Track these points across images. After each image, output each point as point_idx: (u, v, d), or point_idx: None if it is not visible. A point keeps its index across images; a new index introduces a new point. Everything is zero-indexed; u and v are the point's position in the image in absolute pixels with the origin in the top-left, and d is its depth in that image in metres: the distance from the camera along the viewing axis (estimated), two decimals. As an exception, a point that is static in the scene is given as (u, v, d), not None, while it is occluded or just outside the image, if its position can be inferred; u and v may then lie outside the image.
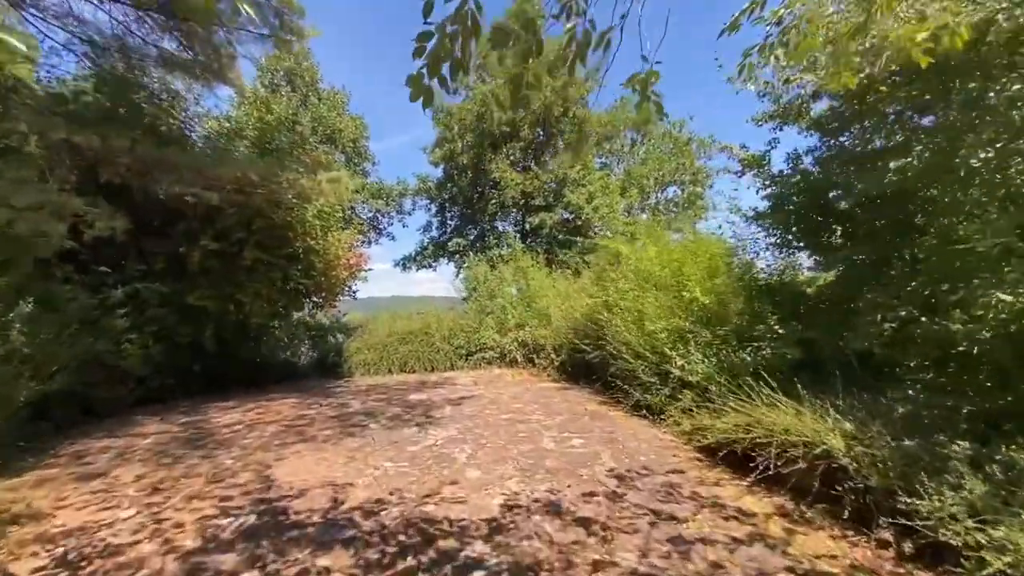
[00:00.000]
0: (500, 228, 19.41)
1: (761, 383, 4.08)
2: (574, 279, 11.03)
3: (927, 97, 3.55)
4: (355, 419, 5.78)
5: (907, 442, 3.09)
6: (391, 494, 3.59)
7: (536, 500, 3.41)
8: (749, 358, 4.77)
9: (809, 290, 5.50)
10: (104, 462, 4.59)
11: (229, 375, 8.56)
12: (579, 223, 17.04)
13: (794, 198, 5.57)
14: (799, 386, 3.93)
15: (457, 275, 20.17)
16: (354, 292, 19.05)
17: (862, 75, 3.53)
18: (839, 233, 5.08)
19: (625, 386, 5.93)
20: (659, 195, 20.20)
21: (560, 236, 17.82)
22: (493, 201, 18.17)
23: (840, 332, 4.41)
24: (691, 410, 4.85)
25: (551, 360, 9.40)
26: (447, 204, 20.22)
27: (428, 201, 20.07)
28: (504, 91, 16.73)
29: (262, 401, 7.21)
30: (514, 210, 18.29)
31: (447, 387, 7.98)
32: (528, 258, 11.87)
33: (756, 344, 4.82)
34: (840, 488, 3.10)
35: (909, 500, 2.72)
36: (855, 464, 3.08)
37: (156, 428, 5.76)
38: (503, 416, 5.71)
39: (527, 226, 18.25)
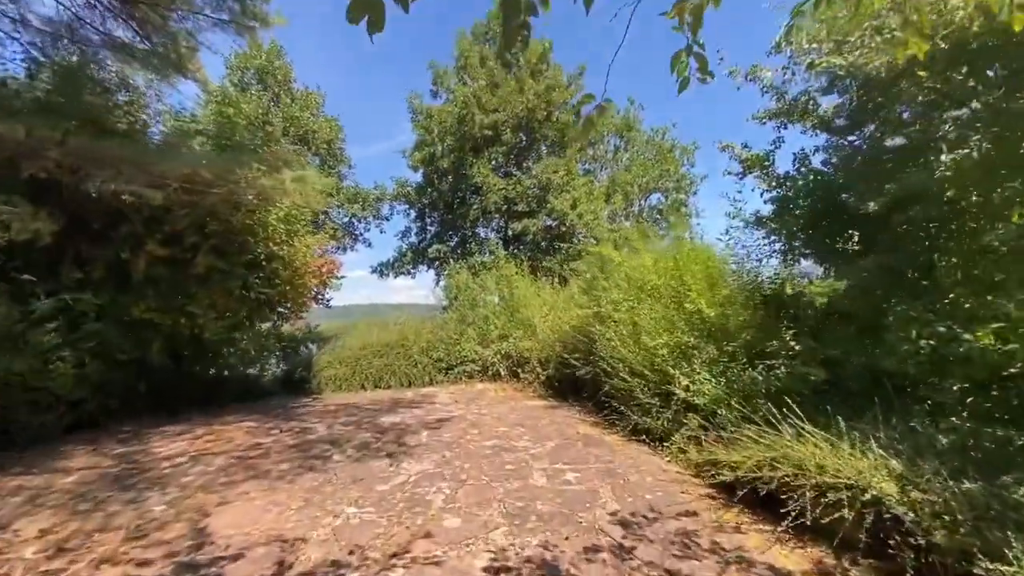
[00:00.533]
0: (482, 234, 18.84)
1: (781, 408, 3.57)
2: (560, 288, 10.51)
3: (972, 84, 3.12)
4: (317, 448, 5.08)
5: (969, 484, 2.59)
6: (351, 553, 2.93)
7: (528, 560, 2.80)
8: (761, 377, 4.27)
9: (820, 301, 5.04)
10: (9, 510, 3.82)
11: (182, 394, 7.74)
12: (563, 230, 16.57)
13: (801, 201, 5.14)
14: (825, 412, 3.44)
15: (437, 283, 19.55)
16: (327, 300, 18.28)
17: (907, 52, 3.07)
18: (856, 239, 4.64)
19: (620, 407, 5.38)
20: (643, 202, 19.91)
21: (543, 243, 17.33)
22: (475, 207, 17.60)
23: (867, 349, 3.94)
24: (699, 438, 4.32)
25: (537, 374, 8.82)
26: (427, 209, 19.57)
27: (407, 206, 19.38)
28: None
29: (215, 425, 6.43)
30: (496, 216, 17.74)
31: (424, 406, 7.31)
32: (512, 265, 11.29)
33: (768, 362, 4.33)
34: (895, 542, 2.58)
35: (991, 566, 2.20)
36: (912, 514, 2.56)
37: (84, 461, 4.97)
38: (486, 443, 5.09)
39: (510, 232, 17.71)
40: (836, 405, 3.73)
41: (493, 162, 17.62)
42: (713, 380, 4.46)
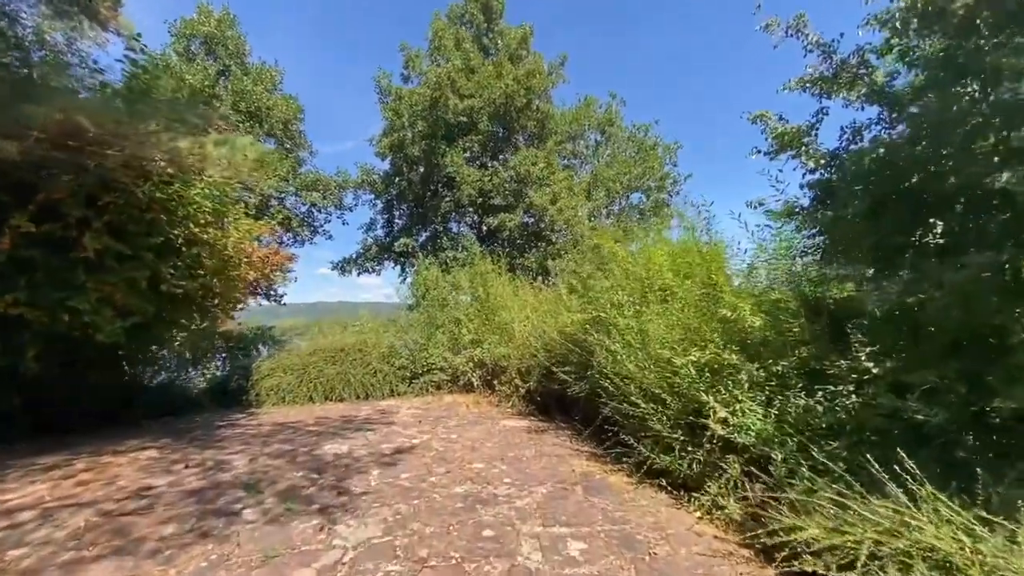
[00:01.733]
0: (454, 229, 17.57)
1: (858, 451, 2.52)
2: (540, 288, 9.38)
3: None
4: (226, 497, 3.74)
5: None
6: None
7: None
8: (822, 407, 3.23)
9: (879, 311, 4.04)
10: None
11: (77, 411, 6.23)
12: (542, 226, 15.48)
13: (855, 185, 4.14)
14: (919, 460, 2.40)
15: (403, 280, 18.09)
16: (279, 297, 16.63)
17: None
18: (937, 231, 3.65)
19: (627, 437, 4.25)
20: (624, 200, 19.03)
21: (520, 240, 16.18)
22: (447, 199, 16.33)
23: (973, 376, 2.93)
24: (742, 487, 3.24)
25: (515, 387, 7.62)
26: (394, 201, 18.14)
27: (372, 196, 17.89)
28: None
29: (107, 454, 4.97)
30: (470, 210, 16.51)
31: (380, 428, 6.01)
32: (488, 262, 10.07)
33: (830, 387, 3.29)
34: None
35: None
36: None
37: None
38: (457, 489, 3.86)
39: (484, 228, 16.50)
40: (933, 450, 2.73)
41: (468, 152, 16.38)
42: (760, 410, 3.38)
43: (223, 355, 16.54)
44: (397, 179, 17.59)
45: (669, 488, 3.76)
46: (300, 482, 4.02)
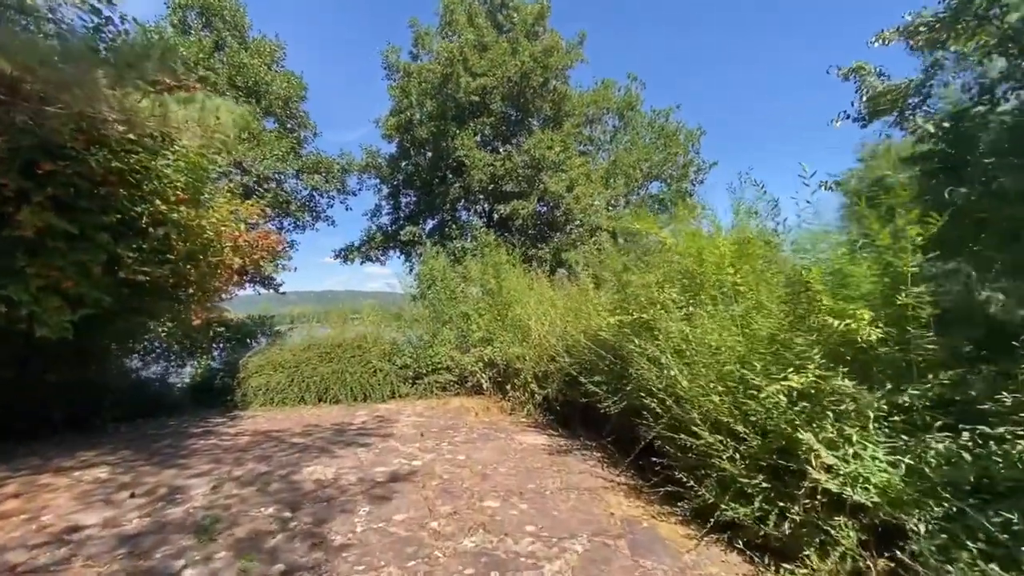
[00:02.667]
0: (463, 217, 16.63)
1: None
2: (565, 282, 8.47)
3: None
4: (167, 548, 2.89)
5: None
6: None
7: None
8: (969, 454, 2.32)
9: None
10: None
11: (30, 414, 5.45)
12: (557, 215, 14.51)
13: (984, 157, 3.19)
14: None
15: (409, 270, 17.22)
16: (277, 286, 15.84)
17: None
18: None
19: (681, 473, 3.35)
20: (644, 189, 17.98)
21: (533, 231, 15.23)
22: (456, 185, 15.38)
23: None
24: (863, 562, 2.33)
25: (531, 392, 6.74)
26: (400, 187, 17.23)
27: (378, 180, 16.99)
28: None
29: (46, 473, 4.17)
30: (481, 197, 15.55)
31: (376, 442, 5.15)
32: (502, 251, 9.15)
33: (986, 428, 2.36)
34: None
35: None
36: None
37: None
38: (466, 542, 2.98)
39: (495, 216, 15.55)
40: None
41: (479, 136, 15.39)
42: (885, 456, 2.47)
43: (220, 347, 15.88)
44: (404, 163, 16.67)
45: (746, 550, 2.86)
46: (267, 524, 3.17)
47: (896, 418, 2.60)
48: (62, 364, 5.53)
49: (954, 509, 2.25)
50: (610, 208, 15.78)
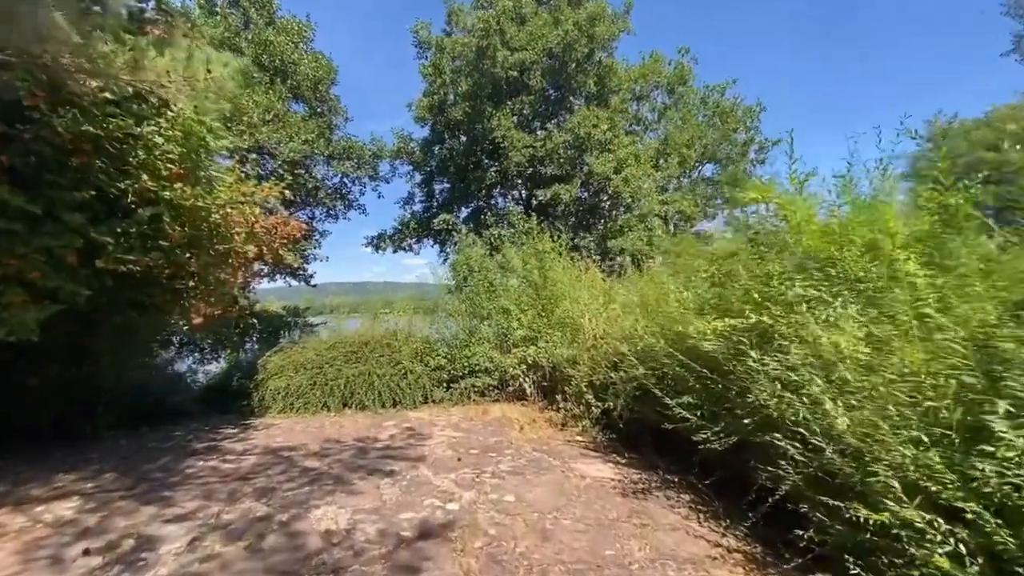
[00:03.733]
0: (500, 205, 15.59)
1: None
2: (631, 274, 7.36)
3: None
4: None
5: None
6: None
7: None
8: None
9: None
10: None
11: (14, 420, 4.78)
12: (602, 200, 13.26)
13: None
14: None
15: (443, 259, 16.38)
16: (308, 277, 15.25)
17: None
18: None
19: (846, 558, 2.21)
20: (697, 172, 16.43)
21: (574, 218, 14.03)
22: (493, 170, 14.34)
23: None
24: None
25: (586, 403, 5.66)
26: (434, 173, 16.33)
27: (410, 167, 16.14)
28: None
29: (2, 509, 3.40)
30: (519, 181, 14.45)
31: (403, 472, 4.20)
32: (548, 239, 8.06)
33: None
34: None
35: None
36: None
37: None
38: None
39: (534, 202, 14.44)
40: None
41: (516, 116, 14.26)
42: None
43: (254, 340, 15.48)
44: (437, 148, 15.75)
45: None
46: (246, 615, 2.23)
47: None
48: (50, 365, 4.83)
49: None
50: (663, 192, 14.38)
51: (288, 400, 6.56)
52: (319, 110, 14.36)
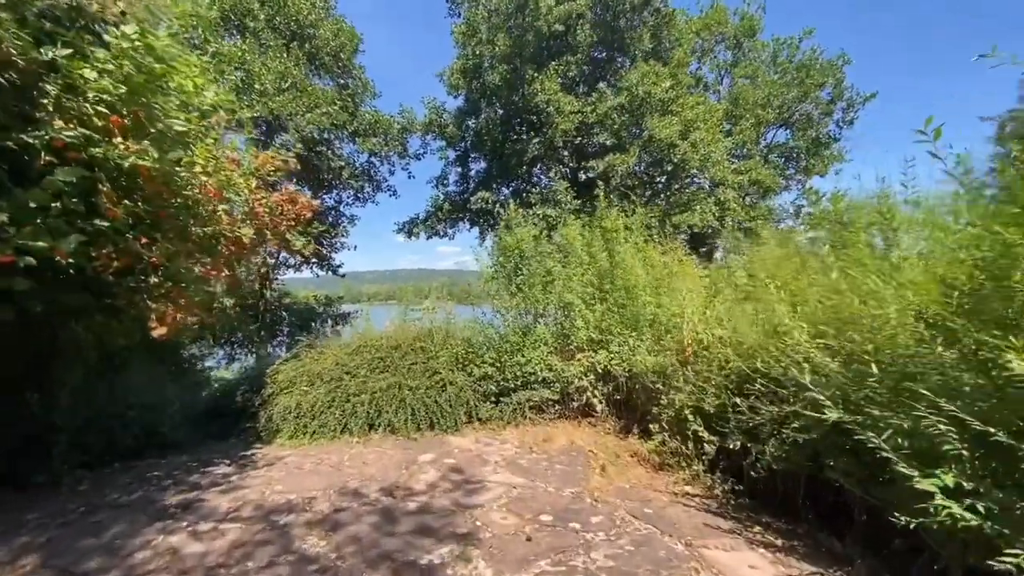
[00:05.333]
0: (543, 182, 13.93)
1: None
2: (729, 259, 5.71)
3: None
4: None
5: None
6: None
7: None
8: None
9: None
10: None
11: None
12: (665, 170, 11.42)
13: None
14: None
15: (481, 242, 14.91)
16: (335, 266, 14.12)
17: None
18: None
19: None
20: (770, 136, 14.26)
21: (632, 192, 12.21)
22: (535, 141, 12.67)
23: None
24: None
25: (693, 438, 4.09)
26: (469, 148, 14.80)
27: (443, 143, 14.65)
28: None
29: None
30: (565, 154, 12.73)
31: (446, 560, 2.76)
32: (616, 216, 6.42)
33: None
34: None
35: None
36: None
37: None
38: None
39: (583, 176, 12.72)
40: None
41: (565, 76, 12.50)
42: None
43: (286, 333, 14.53)
44: (471, 120, 14.18)
45: None
46: None
47: None
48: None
49: None
50: (736, 160, 12.39)
51: (301, 422, 5.26)
52: (342, 82, 13.01)
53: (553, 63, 12.32)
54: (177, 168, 3.65)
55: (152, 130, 3.29)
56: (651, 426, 4.64)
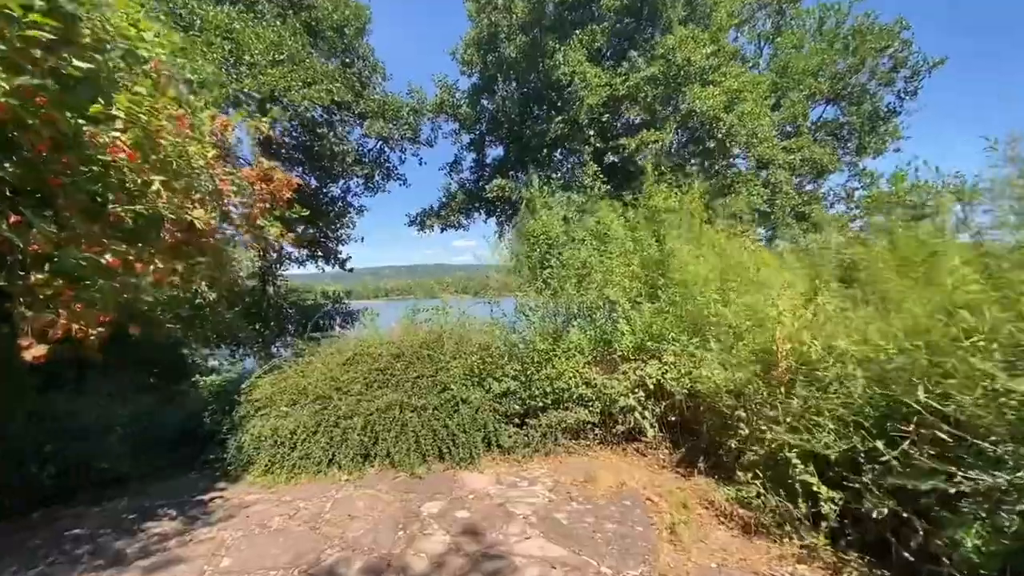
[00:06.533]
0: (566, 164, 12.71)
1: None
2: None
3: None
4: None
5: None
6: None
7: None
8: None
9: None
10: None
11: None
12: (710, 146, 10.10)
13: None
14: None
15: (498, 233, 13.75)
16: (342, 259, 13.17)
17: None
18: None
19: None
20: (821, 112, 12.78)
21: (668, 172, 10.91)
22: (557, 121, 11.46)
23: None
24: None
25: (804, 493, 2.90)
26: (484, 131, 13.64)
27: (456, 126, 13.52)
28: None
29: None
30: (591, 133, 11.47)
31: None
32: (667, 194, 5.22)
33: None
34: None
35: None
36: None
37: None
38: None
39: (610, 159, 11.47)
40: None
41: (592, 45, 11.25)
42: None
43: (291, 331, 13.59)
44: (487, 100, 13.01)
45: None
46: None
47: None
48: None
49: None
50: (780, 136, 10.98)
51: (278, 452, 4.21)
52: (348, 60, 11.93)
53: (576, 32, 11.07)
54: (80, 122, 2.61)
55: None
56: (729, 461, 3.47)
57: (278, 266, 12.47)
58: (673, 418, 4.66)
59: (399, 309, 6.85)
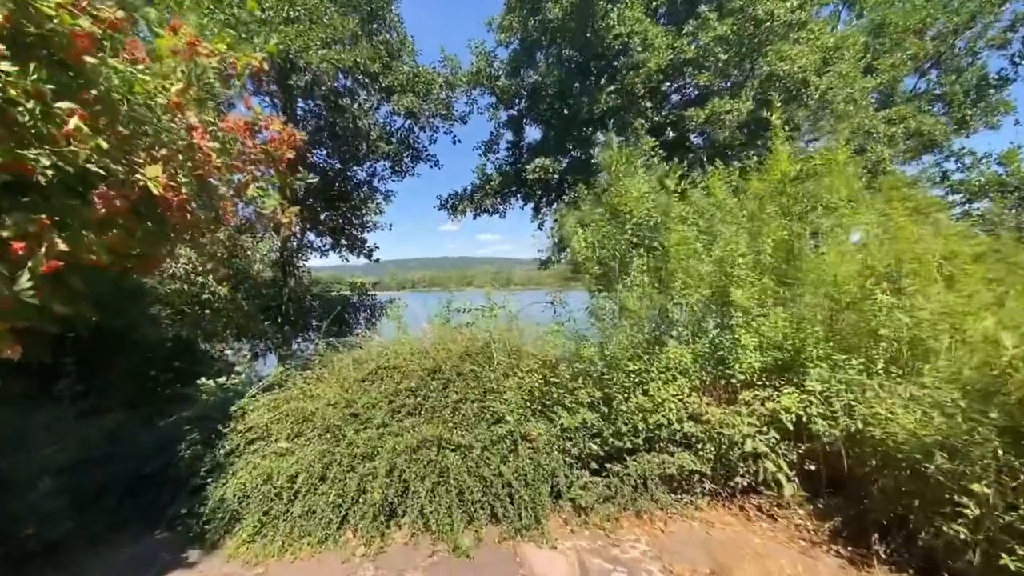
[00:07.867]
0: (617, 141, 11.23)
1: None
2: None
3: None
4: None
5: None
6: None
7: None
8: None
9: None
10: None
11: None
12: (798, 114, 8.51)
13: None
14: None
15: (538, 222, 12.42)
16: (369, 251, 12.14)
17: None
18: None
19: None
20: (914, 82, 10.93)
21: (737, 147, 9.37)
22: (609, 90, 10.04)
23: None
24: None
25: None
26: (524, 109, 12.30)
27: (493, 100, 12.19)
28: None
29: None
30: (648, 105, 10.00)
31: None
32: (786, 157, 3.84)
33: None
34: None
35: None
36: None
37: None
38: None
39: (669, 134, 10.01)
40: None
41: (645, 8, 9.75)
42: None
43: (314, 326, 12.59)
44: (529, 71, 11.65)
45: None
46: None
47: None
48: None
49: None
50: (882, 106, 9.27)
51: (272, 509, 3.05)
52: (375, 26, 10.74)
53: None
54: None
55: None
56: (938, 551, 2.12)
57: (298, 256, 11.48)
58: (812, 467, 3.34)
59: (428, 302, 5.64)
